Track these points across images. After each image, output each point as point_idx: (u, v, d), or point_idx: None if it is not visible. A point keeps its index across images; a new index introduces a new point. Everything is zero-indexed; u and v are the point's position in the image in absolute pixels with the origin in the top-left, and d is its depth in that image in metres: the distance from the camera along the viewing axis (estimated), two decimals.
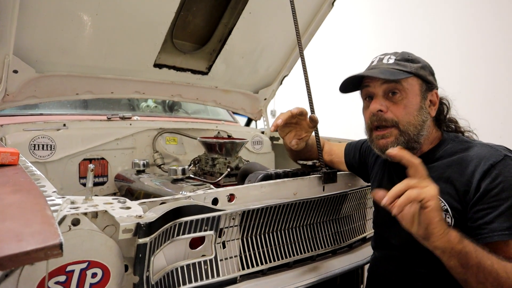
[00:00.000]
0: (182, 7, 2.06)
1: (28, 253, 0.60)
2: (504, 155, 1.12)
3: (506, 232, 1.05)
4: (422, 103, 1.26)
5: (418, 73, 1.25)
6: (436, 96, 1.29)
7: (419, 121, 1.24)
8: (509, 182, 1.08)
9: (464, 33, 4.14)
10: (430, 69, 1.30)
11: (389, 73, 1.24)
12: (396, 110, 1.24)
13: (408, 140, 1.24)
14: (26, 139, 1.94)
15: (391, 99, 1.25)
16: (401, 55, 1.30)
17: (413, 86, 1.25)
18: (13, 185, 0.85)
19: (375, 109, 1.26)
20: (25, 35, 1.76)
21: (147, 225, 0.90)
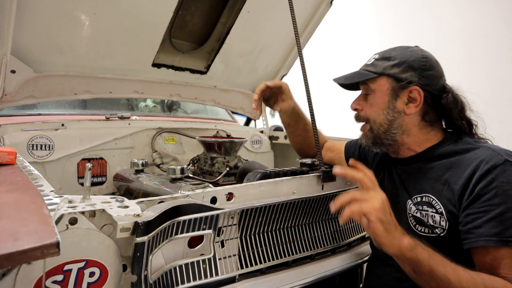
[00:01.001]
0: (180, 6, 2.05)
1: (24, 252, 0.60)
2: (505, 159, 1.09)
3: (493, 238, 1.04)
4: (391, 102, 1.26)
5: (385, 72, 1.26)
6: (417, 93, 1.23)
7: (385, 120, 1.27)
8: (503, 188, 1.05)
9: (464, 33, 4.14)
10: (411, 64, 1.24)
11: (355, 76, 1.33)
12: (366, 109, 1.33)
13: (375, 136, 1.31)
14: (24, 139, 1.93)
15: (366, 98, 1.33)
16: (383, 53, 1.32)
17: (381, 86, 1.27)
18: (10, 184, 0.85)
19: (352, 108, 1.38)
20: (23, 35, 1.75)
21: (145, 224, 0.90)
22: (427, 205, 1.22)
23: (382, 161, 1.47)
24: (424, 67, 1.24)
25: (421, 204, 1.23)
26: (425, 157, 1.27)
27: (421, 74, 1.23)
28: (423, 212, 1.22)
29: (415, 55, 1.26)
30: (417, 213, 1.25)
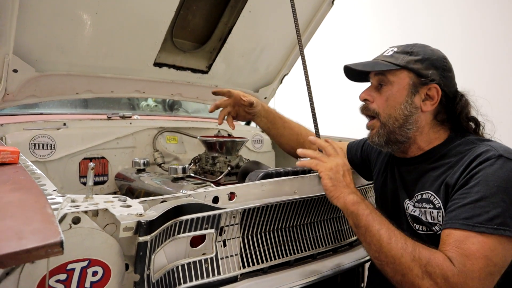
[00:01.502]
0: (182, 6, 2.05)
1: (28, 251, 0.60)
2: (499, 154, 1.09)
3: (460, 221, 1.04)
4: (409, 97, 1.24)
5: (408, 66, 1.24)
6: (436, 91, 1.23)
7: (401, 114, 1.25)
8: (487, 178, 1.06)
9: (464, 33, 4.13)
10: (433, 62, 1.25)
11: (372, 65, 1.29)
12: (379, 102, 1.29)
13: (389, 132, 1.28)
14: (26, 138, 1.93)
15: (379, 90, 1.30)
16: (404, 47, 1.30)
17: (401, 79, 1.25)
18: (13, 184, 0.85)
19: (362, 98, 1.34)
20: (25, 34, 1.75)
21: (147, 223, 0.90)
22: (426, 201, 1.22)
23: (385, 162, 1.47)
24: (445, 68, 1.25)
25: (421, 201, 1.24)
26: (430, 156, 1.27)
27: (442, 73, 1.24)
28: (422, 210, 1.23)
29: (436, 54, 1.27)
30: (415, 212, 1.26)
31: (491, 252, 0.99)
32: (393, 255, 1.05)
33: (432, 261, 1.01)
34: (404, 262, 1.03)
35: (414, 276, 1.02)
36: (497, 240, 0.99)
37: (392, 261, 1.06)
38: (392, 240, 1.07)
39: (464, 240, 1.01)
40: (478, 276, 0.98)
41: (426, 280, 1.00)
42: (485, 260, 0.98)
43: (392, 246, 1.06)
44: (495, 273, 1.00)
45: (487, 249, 0.99)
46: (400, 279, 1.05)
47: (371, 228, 1.11)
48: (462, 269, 0.98)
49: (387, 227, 1.10)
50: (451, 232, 1.05)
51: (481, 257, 0.98)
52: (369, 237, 1.11)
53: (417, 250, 1.04)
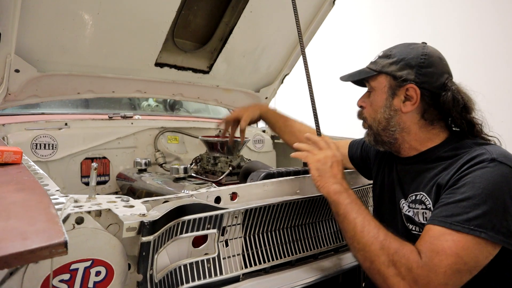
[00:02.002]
0: (183, 6, 2.05)
1: (33, 251, 0.60)
2: (492, 158, 1.07)
3: (439, 218, 1.05)
4: (388, 100, 1.26)
5: (383, 70, 1.26)
6: (413, 91, 1.21)
7: (382, 118, 1.28)
8: (474, 180, 1.05)
9: (464, 33, 4.13)
10: (409, 61, 1.23)
11: (357, 74, 1.35)
12: (367, 107, 1.34)
13: (374, 134, 1.33)
14: (28, 138, 1.94)
15: (369, 96, 1.34)
16: (386, 50, 1.31)
17: (380, 83, 1.28)
18: (17, 184, 0.86)
19: (358, 105, 1.39)
20: (27, 35, 1.76)
21: (150, 224, 0.90)
22: (419, 202, 1.22)
23: (384, 159, 1.47)
24: (422, 65, 1.22)
25: (415, 202, 1.24)
26: (426, 157, 1.26)
27: (418, 71, 1.21)
28: (415, 210, 1.23)
29: (414, 52, 1.24)
30: (409, 212, 1.26)
31: (463, 251, 0.99)
32: (364, 242, 1.10)
33: (400, 252, 1.04)
34: (373, 250, 1.08)
35: (381, 264, 1.06)
36: (472, 241, 1.00)
37: (362, 248, 1.10)
38: (365, 229, 1.12)
39: (439, 236, 1.03)
40: (444, 272, 0.99)
41: (391, 268, 1.04)
42: (455, 257, 0.99)
43: (364, 234, 1.11)
44: (463, 271, 1.00)
45: (459, 247, 0.99)
46: (369, 265, 1.09)
47: (348, 216, 1.16)
48: (428, 263, 1.00)
49: (363, 217, 1.15)
50: (430, 227, 1.07)
51: (452, 254, 0.99)
52: (346, 225, 1.17)
53: (388, 240, 1.08)
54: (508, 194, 1.03)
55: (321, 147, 1.35)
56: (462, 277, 1.01)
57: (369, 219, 1.14)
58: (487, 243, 1.00)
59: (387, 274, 1.04)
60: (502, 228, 1.00)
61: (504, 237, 1.00)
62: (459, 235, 1.00)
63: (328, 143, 1.37)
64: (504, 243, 1.01)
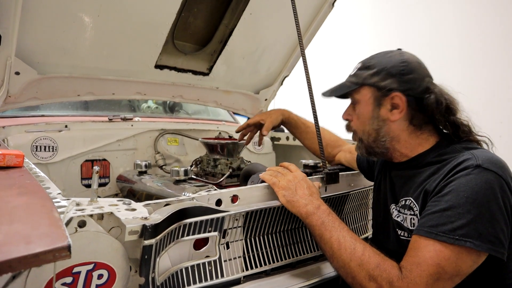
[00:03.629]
0: (183, 8, 2.06)
1: (36, 255, 0.61)
2: (477, 165, 1.07)
3: (425, 229, 1.06)
4: (375, 111, 1.26)
5: (366, 82, 1.27)
6: (399, 99, 1.22)
7: (371, 129, 1.28)
8: (459, 188, 1.05)
9: (463, 33, 4.15)
10: (389, 70, 1.23)
11: (338, 89, 1.36)
12: (354, 119, 1.34)
13: (366, 146, 1.33)
14: (28, 140, 1.94)
15: (354, 109, 1.34)
16: (363, 62, 1.32)
17: (364, 95, 1.28)
18: (20, 188, 0.86)
19: (343, 118, 1.41)
20: (27, 37, 1.76)
21: (152, 227, 0.90)
22: (407, 208, 1.23)
23: (382, 165, 1.48)
24: (403, 72, 1.22)
25: (404, 207, 1.25)
26: (415, 163, 1.27)
27: (400, 79, 1.22)
28: (404, 216, 1.25)
29: (393, 61, 1.25)
30: (398, 217, 1.28)
31: (444, 261, 1.00)
32: (343, 260, 1.12)
33: (381, 266, 1.06)
34: (352, 266, 1.10)
35: (362, 279, 1.08)
36: (455, 250, 1.01)
37: (342, 266, 1.12)
38: (341, 246, 1.13)
39: (422, 248, 1.05)
40: (425, 282, 1.00)
41: (372, 283, 1.06)
42: (436, 267, 1.00)
43: (341, 252, 1.12)
44: (444, 280, 1.01)
45: (441, 257, 1.01)
46: (351, 281, 1.11)
47: (323, 236, 1.18)
48: (408, 275, 1.02)
49: (338, 234, 1.16)
50: (416, 239, 1.08)
51: (433, 264, 1.01)
52: (323, 245, 1.18)
53: (366, 255, 1.09)
54: (494, 201, 1.03)
55: (282, 173, 1.35)
56: (445, 285, 1.02)
57: (345, 235, 1.15)
58: (471, 252, 1.01)
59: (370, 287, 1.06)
60: (489, 235, 1.01)
61: (491, 245, 1.01)
62: (443, 245, 1.01)
63: (286, 166, 1.40)
64: (492, 251, 1.01)
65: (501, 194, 1.04)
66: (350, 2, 4.83)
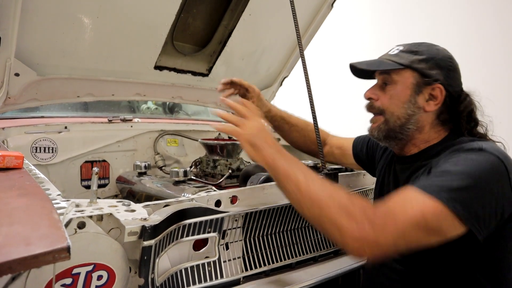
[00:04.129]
0: (182, 9, 2.06)
1: (36, 257, 0.61)
2: (479, 148, 1.09)
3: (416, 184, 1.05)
4: (413, 96, 1.24)
5: (412, 66, 1.23)
6: (439, 91, 1.22)
7: (404, 113, 1.25)
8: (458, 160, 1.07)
9: (463, 33, 4.15)
10: (438, 61, 1.23)
11: (378, 64, 1.29)
12: (384, 100, 1.28)
13: (389, 129, 1.28)
14: (28, 141, 1.94)
15: (384, 88, 1.29)
16: (410, 46, 1.29)
17: (406, 78, 1.24)
18: (19, 189, 0.86)
19: (367, 96, 1.33)
20: (27, 38, 1.76)
21: (152, 228, 0.91)
22: None
23: (388, 159, 1.47)
24: (450, 67, 1.24)
25: None
26: (424, 155, 1.27)
27: (446, 74, 1.23)
28: None
29: (442, 54, 1.26)
30: None
31: (429, 214, 0.98)
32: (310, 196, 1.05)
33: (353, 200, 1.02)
34: (322, 199, 1.03)
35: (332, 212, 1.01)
36: (441, 208, 0.99)
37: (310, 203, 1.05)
38: (310, 183, 1.07)
39: (411, 196, 1.02)
40: (404, 221, 0.98)
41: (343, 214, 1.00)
42: (420, 215, 0.98)
43: (310, 188, 1.06)
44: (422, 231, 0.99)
45: (426, 209, 0.99)
46: (318, 216, 1.04)
47: (289, 175, 1.11)
48: (390, 210, 1.00)
49: (305, 174, 1.10)
50: (407, 187, 1.06)
51: (418, 210, 0.99)
52: (289, 185, 1.10)
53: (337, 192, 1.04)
54: (489, 180, 1.03)
55: (244, 115, 1.26)
56: (419, 234, 0.99)
57: (313, 176, 1.10)
58: (454, 217, 0.99)
59: (339, 219, 0.99)
60: (474, 209, 1.00)
61: (472, 218, 1.00)
62: (432, 200, 0.99)
63: (250, 108, 1.30)
64: (470, 223, 1.00)
65: (498, 178, 1.04)
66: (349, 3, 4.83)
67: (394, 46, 1.34)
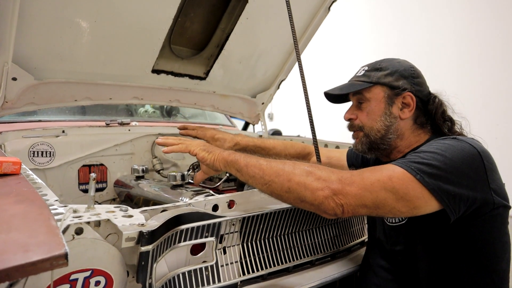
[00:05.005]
0: (180, 13, 2.07)
1: (34, 264, 0.61)
2: (453, 137, 1.19)
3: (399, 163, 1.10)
4: (387, 108, 1.34)
5: (379, 81, 1.34)
6: (410, 98, 1.32)
7: (382, 126, 1.34)
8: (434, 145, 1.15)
9: (460, 36, 4.17)
10: (402, 72, 1.34)
11: (349, 86, 1.40)
12: (361, 117, 1.39)
13: (371, 142, 1.37)
14: (25, 146, 1.94)
15: (359, 107, 1.40)
16: (373, 64, 1.40)
17: (377, 94, 1.35)
18: (17, 195, 0.86)
19: (346, 118, 1.45)
20: (24, 43, 1.76)
21: (149, 233, 0.91)
22: None
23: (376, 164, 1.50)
24: (413, 75, 1.35)
25: None
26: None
27: (411, 81, 1.34)
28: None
29: (404, 65, 1.37)
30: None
31: (396, 179, 1.06)
32: (274, 171, 1.12)
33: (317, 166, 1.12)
34: (286, 171, 1.11)
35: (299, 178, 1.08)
36: (408, 176, 1.06)
37: (275, 179, 1.11)
38: (271, 162, 1.16)
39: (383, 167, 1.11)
40: (371, 182, 1.05)
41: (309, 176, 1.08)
42: (387, 178, 1.06)
43: (272, 165, 1.14)
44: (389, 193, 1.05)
45: (394, 175, 1.06)
46: (287, 187, 1.10)
47: (250, 162, 1.18)
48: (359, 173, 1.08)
49: (264, 158, 1.19)
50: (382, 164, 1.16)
51: (386, 175, 1.06)
52: (252, 170, 1.17)
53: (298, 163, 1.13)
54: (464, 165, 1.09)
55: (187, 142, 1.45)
56: (386, 195, 1.05)
57: (271, 158, 1.19)
58: (421, 187, 1.05)
59: (308, 181, 1.07)
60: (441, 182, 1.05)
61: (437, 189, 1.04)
62: (400, 169, 1.07)
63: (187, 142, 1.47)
64: (439, 197, 1.05)
65: (470, 162, 1.10)
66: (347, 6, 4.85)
67: (359, 68, 1.45)
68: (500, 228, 1.17)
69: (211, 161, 1.31)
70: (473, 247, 1.16)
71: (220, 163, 1.28)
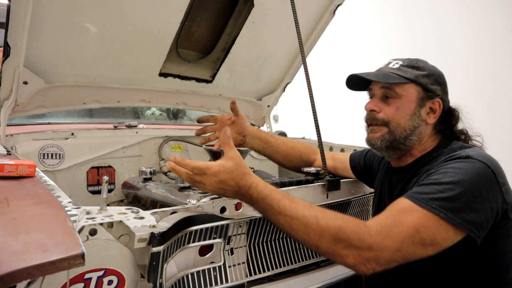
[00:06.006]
0: (187, 17, 2.10)
1: (53, 263, 0.64)
2: (467, 155, 1.15)
3: (409, 193, 1.12)
4: (417, 109, 1.30)
5: (417, 80, 1.30)
6: (438, 105, 1.31)
7: (409, 125, 1.30)
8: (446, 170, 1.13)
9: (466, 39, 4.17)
10: (437, 78, 1.32)
11: (385, 76, 1.32)
12: (388, 112, 1.33)
13: (393, 140, 1.32)
14: (35, 148, 1.98)
15: (386, 101, 1.34)
16: (409, 61, 1.35)
17: (410, 92, 1.30)
18: (34, 197, 0.89)
19: (369, 109, 1.37)
20: (35, 47, 1.79)
21: (160, 235, 0.94)
22: None
23: (384, 171, 1.51)
24: (445, 84, 1.35)
25: None
26: (418, 163, 1.34)
27: (443, 89, 1.33)
28: None
29: (438, 71, 1.35)
30: None
31: (422, 227, 1.05)
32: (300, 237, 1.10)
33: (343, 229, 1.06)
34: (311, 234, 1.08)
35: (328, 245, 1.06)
36: (432, 219, 1.05)
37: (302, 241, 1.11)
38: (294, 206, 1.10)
39: (405, 210, 1.08)
40: (401, 241, 1.04)
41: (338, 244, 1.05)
42: (414, 231, 1.05)
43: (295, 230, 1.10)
44: (418, 245, 1.05)
45: (420, 223, 1.05)
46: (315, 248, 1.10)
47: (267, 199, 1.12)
48: (384, 232, 1.05)
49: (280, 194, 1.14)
50: (400, 200, 1.13)
51: (412, 227, 1.05)
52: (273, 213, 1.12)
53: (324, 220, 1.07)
54: (482, 188, 1.09)
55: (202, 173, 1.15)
56: (416, 249, 1.05)
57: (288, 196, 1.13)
58: (447, 225, 1.05)
59: (337, 250, 1.06)
60: (465, 214, 1.05)
61: (464, 222, 1.05)
62: (422, 211, 1.06)
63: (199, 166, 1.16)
64: (467, 230, 1.05)
65: (487, 183, 1.10)
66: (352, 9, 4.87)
67: (390, 59, 1.40)
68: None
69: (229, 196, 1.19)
70: (485, 258, 1.16)
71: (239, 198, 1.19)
